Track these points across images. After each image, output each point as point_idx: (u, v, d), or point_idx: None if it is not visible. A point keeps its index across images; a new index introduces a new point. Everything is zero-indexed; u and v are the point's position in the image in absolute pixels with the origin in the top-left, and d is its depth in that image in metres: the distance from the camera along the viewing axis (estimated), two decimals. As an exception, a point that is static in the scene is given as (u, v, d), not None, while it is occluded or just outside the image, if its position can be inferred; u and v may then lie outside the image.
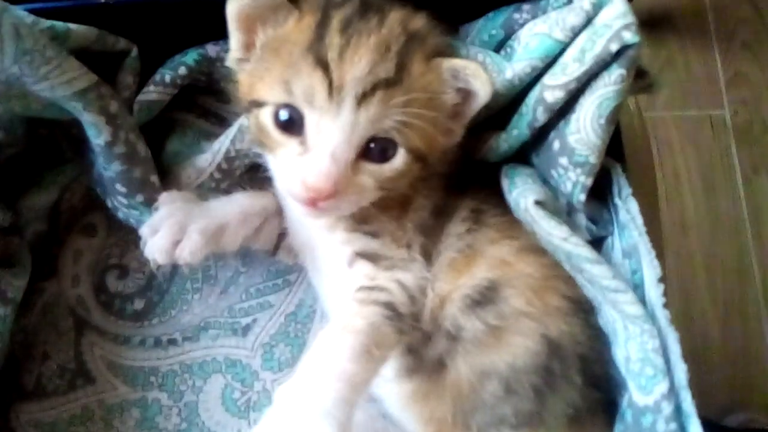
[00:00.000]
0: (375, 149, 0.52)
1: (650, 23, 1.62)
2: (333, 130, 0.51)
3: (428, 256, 0.60)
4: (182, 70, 0.65)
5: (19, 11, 0.53)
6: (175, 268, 0.72)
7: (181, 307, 0.71)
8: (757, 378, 1.38)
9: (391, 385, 0.62)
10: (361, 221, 0.59)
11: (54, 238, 0.72)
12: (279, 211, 0.66)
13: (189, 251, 0.59)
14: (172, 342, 0.70)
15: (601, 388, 0.58)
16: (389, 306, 0.55)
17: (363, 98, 0.50)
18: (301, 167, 0.52)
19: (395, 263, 0.59)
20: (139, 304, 0.71)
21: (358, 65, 0.50)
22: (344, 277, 0.60)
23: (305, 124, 0.52)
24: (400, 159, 0.53)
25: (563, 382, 0.56)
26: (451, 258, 0.59)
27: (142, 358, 0.70)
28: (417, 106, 0.51)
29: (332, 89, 0.50)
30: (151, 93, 0.63)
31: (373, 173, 0.53)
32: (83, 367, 0.69)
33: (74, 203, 0.72)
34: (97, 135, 0.58)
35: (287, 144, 0.53)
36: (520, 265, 0.59)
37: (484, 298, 0.58)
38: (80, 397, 0.68)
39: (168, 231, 0.59)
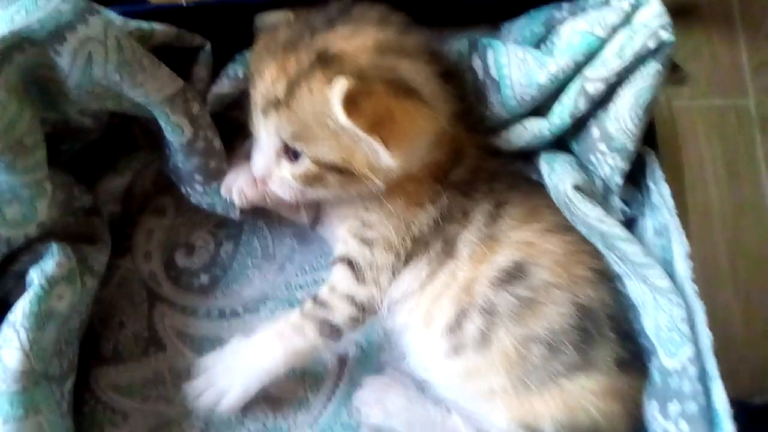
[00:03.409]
0: (289, 151, 0.62)
1: (676, 13, 1.60)
2: (257, 133, 0.64)
3: (448, 252, 0.65)
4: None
5: (113, 15, 0.59)
6: (236, 246, 0.78)
7: (243, 282, 0.77)
8: (780, 365, 1.39)
9: (443, 366, 0.65)
10: (365, 225, 0.66)
11: (128, 219, 0.78)
12: None
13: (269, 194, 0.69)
14: (234, 314, 0.76)
15: (634, 342, 0.63)
16: (325, 323, 0.65)
17: (264, 113, 0.61)
18: None
19: (371, 277, 0.66)
20: (204, 279, 0.77)
21: (260, 88, 0.61)
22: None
23: None
24: (304, 164, 0.61)
25: (599, 338, 0.61)
26: (471, 250, 0.64)
27: (208, 328, 0.75)
28: (303, 125, 0.59)
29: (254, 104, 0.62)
30: (224, 86, 0.68)
31: (289, 170, 0.62)
32: (155, 335, 0.74)
33: (146, 187, 0.77)
34: (180, 135, 0.65)
35: None
36: (545, 245, 0.63)
37: (512, 276, 0.62)
38: (152, 363, 0.74)
39: (243, 181, 0.70)
